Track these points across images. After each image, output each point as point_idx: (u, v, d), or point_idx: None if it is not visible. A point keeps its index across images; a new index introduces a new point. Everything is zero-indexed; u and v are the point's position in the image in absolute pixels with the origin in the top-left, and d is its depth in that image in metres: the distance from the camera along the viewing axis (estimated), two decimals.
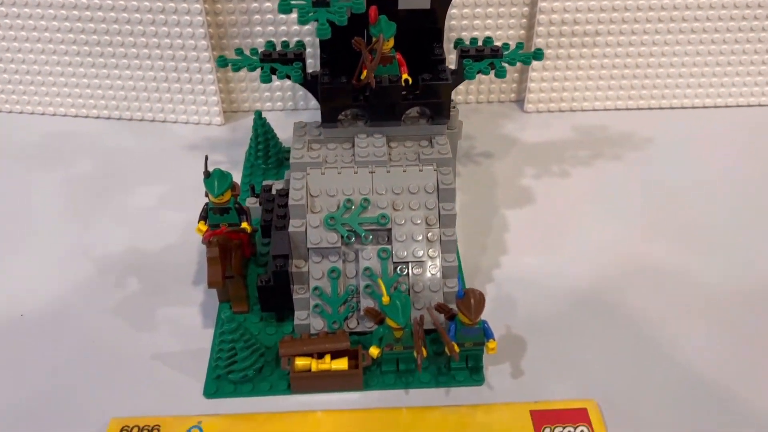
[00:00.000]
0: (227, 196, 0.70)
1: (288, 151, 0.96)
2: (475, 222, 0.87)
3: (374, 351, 0.67)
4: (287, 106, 1.06)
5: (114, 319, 0.75)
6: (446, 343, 0.65)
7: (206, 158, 0.70)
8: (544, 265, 0.81)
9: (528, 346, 0.73)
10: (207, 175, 0.69)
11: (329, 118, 0.74)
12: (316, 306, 0.71)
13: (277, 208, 0.73)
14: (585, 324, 0.74)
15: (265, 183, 0.84)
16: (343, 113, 0.76)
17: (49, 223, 0.87)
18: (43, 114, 1.05)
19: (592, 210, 0.89)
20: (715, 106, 1.07)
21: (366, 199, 0.71)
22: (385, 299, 0.65)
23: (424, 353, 0.66)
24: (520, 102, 1.07)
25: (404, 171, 0.73)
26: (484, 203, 0.90)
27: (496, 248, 0.84)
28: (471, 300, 0.64)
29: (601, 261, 0.81)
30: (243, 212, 0.71)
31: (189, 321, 0.75)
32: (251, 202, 0.83)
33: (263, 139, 0.92)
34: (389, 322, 0.65)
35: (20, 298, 0.77)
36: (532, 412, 0.65)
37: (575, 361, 0.71)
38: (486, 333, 0.66)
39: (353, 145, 0.75)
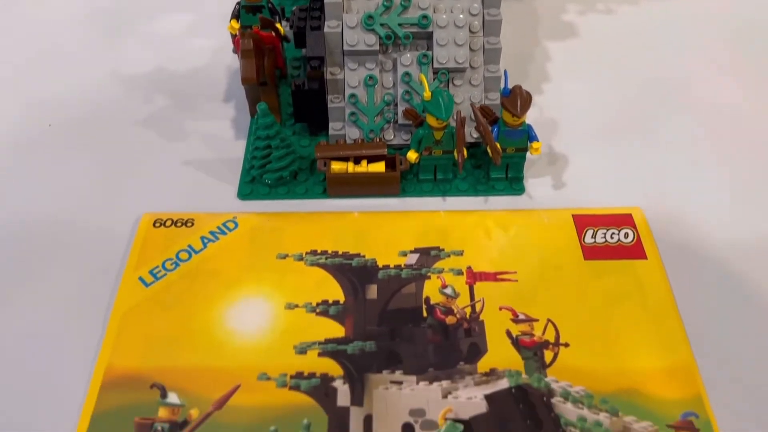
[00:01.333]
0: None
1: None
2: (516, 52, 0.83)
3: (412, 155, 0.65)
4: None
5: (143, 130, 0.73)
6: (489, 142, 0.63)
7: None
8: (585, 92, 0.78)
9: (570, 162, 0.70)
10: None
11: None
12: (352, 114, 0.69)
13: (311, 11, 0.70)
14: (628, 142, 0.72)
15: (295, 7, 0.80)
16: None
17: (75, 46, 0.84)
18: None
19: (635, 44, 0.84)
20: None
21: None
22: (427, 94, 0.62)
23: (465, 154, 0.64)
24: None
25: None
26: (526, 35, 0.86)
27: (538, 76, 0.80)
28: (518, 96, 0.62)
29: (643, 89, 0.78)
30: (276, 12, 0.68)
31: (220, 133, 0.73)
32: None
33: None
34: (430, 120, 0.63)
35: (48, 109, 0.75)
36: (575, 216, 0.63)
37: (620, 173, 0.69)
38: (530, 135, 0.64)
39: None
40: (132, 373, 0.52)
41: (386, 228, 0.63)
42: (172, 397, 0.50)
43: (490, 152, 0.64)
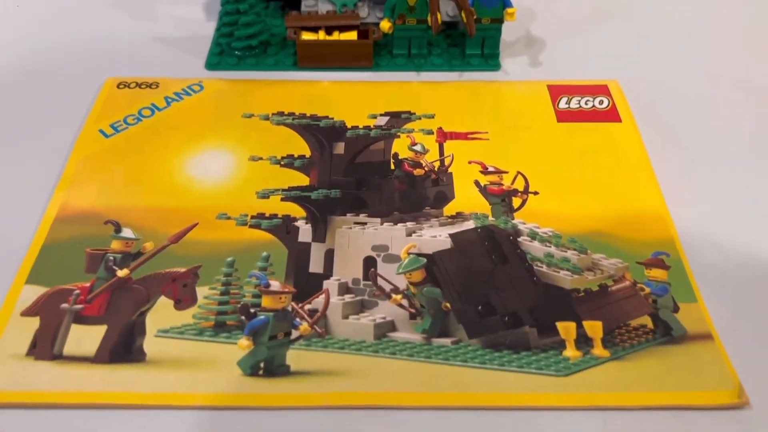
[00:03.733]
0: None
1: None
2: None
3: (385, 24, 0.63)
4: None
5: (112, 10, 0.72)
6: (463, 5, 0.61)
7: None
8: None
9: (547, 44, 0.69)
10: None
11: None
12: None
13: None
14: (604, 27, 0.71)
15: None
16: None
17: None
18: None
19: None
20: None
21: None
22: None
23: (439, 18, 0.63)
24: None
25: None
26: None
27: None
28: None
29: None
30: None
31: (191, 16, 0.71)
32: None
33: None
34: None
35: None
36: (550, 87, 0.62)
37: (596, 55, 0.67)
38: (504, 2, 0.62)
39: None
40: (86, 210, 0.50)
41: (357, 95, 0.61)
42: (127, 232, 0.48)
43: (464, 18, 0.62)
